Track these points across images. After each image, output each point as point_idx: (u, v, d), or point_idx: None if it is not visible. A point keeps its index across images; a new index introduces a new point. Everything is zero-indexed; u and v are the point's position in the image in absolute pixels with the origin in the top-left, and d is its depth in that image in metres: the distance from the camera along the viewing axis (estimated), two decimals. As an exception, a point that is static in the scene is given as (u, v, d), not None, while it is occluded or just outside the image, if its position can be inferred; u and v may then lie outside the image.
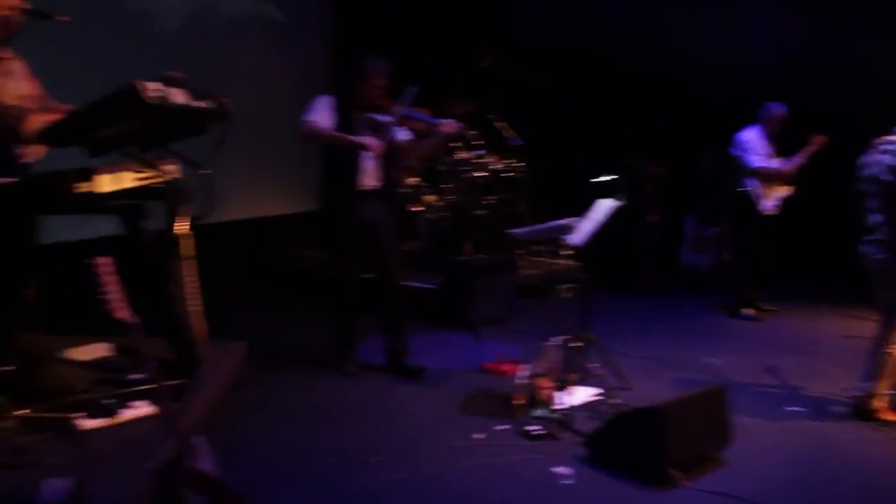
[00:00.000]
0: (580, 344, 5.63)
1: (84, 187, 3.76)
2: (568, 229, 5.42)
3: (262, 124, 8.20)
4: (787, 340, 7.55)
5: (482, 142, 8.61)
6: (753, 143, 8.10)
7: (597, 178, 8.51)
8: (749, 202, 8.06)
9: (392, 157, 6.03)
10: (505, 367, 6.22)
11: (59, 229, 4.92)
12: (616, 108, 9.86)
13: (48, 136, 3.99)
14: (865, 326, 6.30)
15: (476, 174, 8.35)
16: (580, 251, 5.52)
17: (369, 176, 5.93)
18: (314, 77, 9.95)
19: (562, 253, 5.52)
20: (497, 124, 8.77)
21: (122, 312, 3.21)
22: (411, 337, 6.31)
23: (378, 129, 5.89)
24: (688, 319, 8.22)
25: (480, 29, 9.77)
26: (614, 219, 8.99)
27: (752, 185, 8.07)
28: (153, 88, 3.78)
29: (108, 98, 3.79)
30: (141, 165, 4.22)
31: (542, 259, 8.79)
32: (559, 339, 5.55)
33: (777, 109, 8.10)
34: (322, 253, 9.05)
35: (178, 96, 4.00)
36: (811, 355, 7.02)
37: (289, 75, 9.62)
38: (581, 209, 5.73)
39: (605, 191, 6.85)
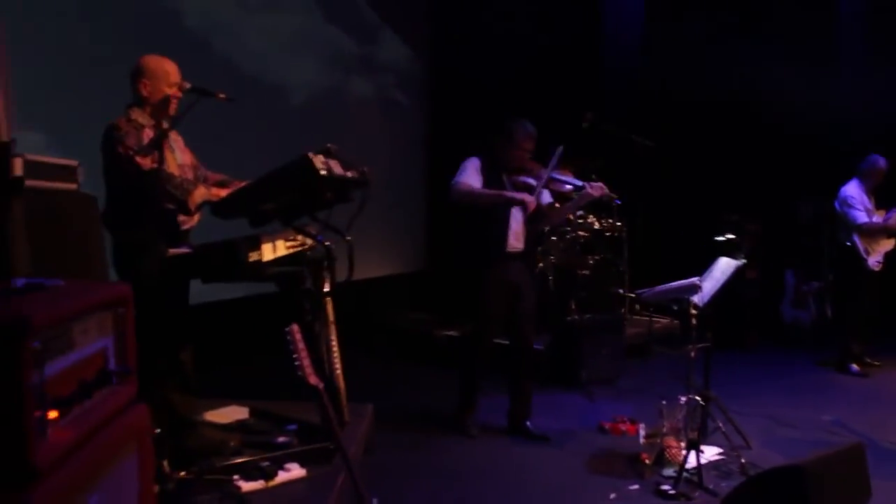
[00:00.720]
0: (702, 402, 5.64)
1: (254, 256, 3.92)
2: (695, 289, 5.44)
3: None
4: (896, 395, 7.52)
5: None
6: (858, 199, 8.10)
7: (712, 236, 8.54)
8: (855, 258, 8.04)
9: (535, 220, 6.11)
10: (623, 427, 6.24)
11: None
12: (711, 164, 9.89)
13: (222, 208, 4.17)
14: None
15: (578, 234, 8.43)
16: (701, 310, 5.54)
17: (515, 237, 5.98)
18: (413, 145, 10.24)
19: (692, 312, 5.50)
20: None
21: (313, 378, 3.33)
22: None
23: (527, 192, 5.94)
24: (795, 376, 8.18)
25: (579, 90, 9.92)
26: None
27: (857, 242, 8.05)
28: (322, 161, 3.95)
29: (282, 171, 3.96)
30: (296, 233, 4.39)
31: (643, 318, 8.85)
32: (683, 398, 5.56)
33: (881, 162, 8.11)
34: (426, 315, 9.20)
35: (337, 167, 4.17)
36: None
37: (388, 144, 9.86)
38: (682, 267, 5.77)
39: (723, 249, 6.91)
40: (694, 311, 5.50)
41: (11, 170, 3.27)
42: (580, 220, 8.49)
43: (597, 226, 8.57)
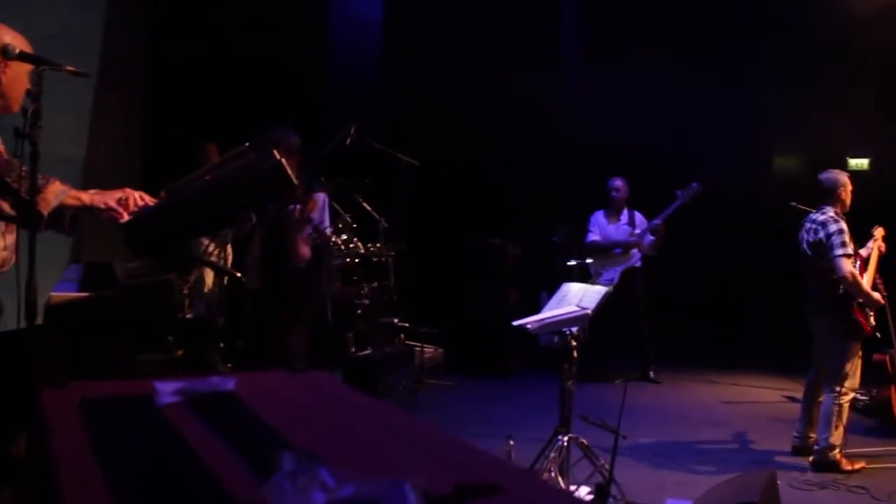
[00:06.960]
0: (568, 440, 5.13)
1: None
2: (584, 318, 5.02)
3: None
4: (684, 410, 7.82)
5: (349, 225, 7.69)
6: (593, 222, 8.57)
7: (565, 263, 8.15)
8: (585, 276, 8.28)
9: None
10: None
11: None
12: (471, 184, 9.51)
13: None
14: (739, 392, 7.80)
15: (347, 260, 7.52)
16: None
17: None
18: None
19: (573, 343, 5.08)
20: (364, 206, 7.96)
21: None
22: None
23: None
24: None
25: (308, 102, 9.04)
26: (479, 302, 8.64)
27: (589, 260, 8.34)
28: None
29: (247, 177, 2.86)
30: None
31: (415, 348, 8.18)
32: (563, 438, 5.05)
33: (614, 184, 8.52)
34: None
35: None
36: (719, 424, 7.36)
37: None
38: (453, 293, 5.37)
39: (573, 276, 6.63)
40: (574, 343, 5.09)
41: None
42: (347, 247, 7.53)
43: (362, 251, 7.67)
